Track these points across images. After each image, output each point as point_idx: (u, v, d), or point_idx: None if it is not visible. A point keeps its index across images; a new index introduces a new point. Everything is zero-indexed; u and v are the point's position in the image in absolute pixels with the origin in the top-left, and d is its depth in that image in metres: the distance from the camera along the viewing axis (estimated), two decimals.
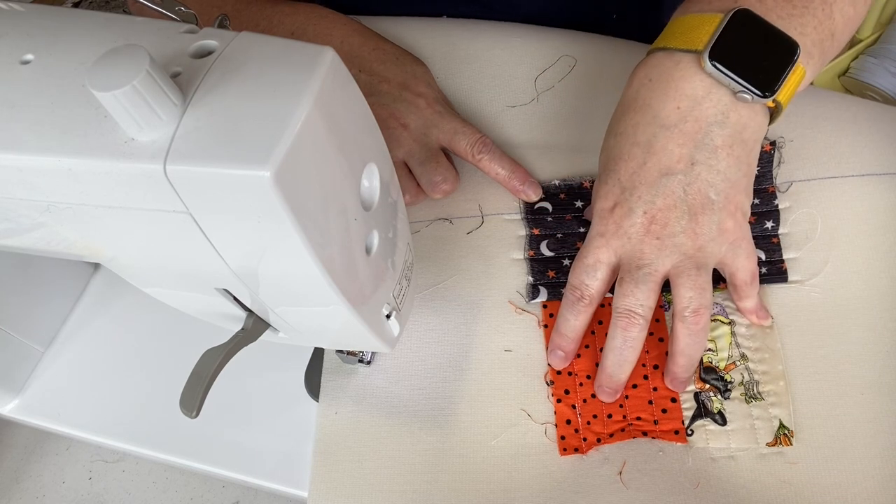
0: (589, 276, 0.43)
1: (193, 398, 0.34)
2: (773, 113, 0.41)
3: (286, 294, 0.34)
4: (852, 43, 1.19)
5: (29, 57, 0.30)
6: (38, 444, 1.24)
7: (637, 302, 0.41)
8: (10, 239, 0.35)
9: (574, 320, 0.43)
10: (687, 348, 0.41)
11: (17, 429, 1.25)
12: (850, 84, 1.14)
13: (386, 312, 0.39)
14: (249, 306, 0.37)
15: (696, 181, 0.40)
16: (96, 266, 0.59)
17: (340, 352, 0.46)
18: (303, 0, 0.55)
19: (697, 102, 0.40)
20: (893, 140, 0.48)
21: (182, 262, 0.33)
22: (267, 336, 0.40)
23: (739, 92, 0.39)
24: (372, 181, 0.34)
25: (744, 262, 0.42)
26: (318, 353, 0.48)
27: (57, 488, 1.20)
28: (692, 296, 0.40)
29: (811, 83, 0.46)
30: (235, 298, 0.36)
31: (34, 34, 0.31)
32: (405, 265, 0.40)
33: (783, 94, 0.39)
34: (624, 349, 0.42)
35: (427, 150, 0.50)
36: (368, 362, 0.47)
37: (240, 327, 0.38)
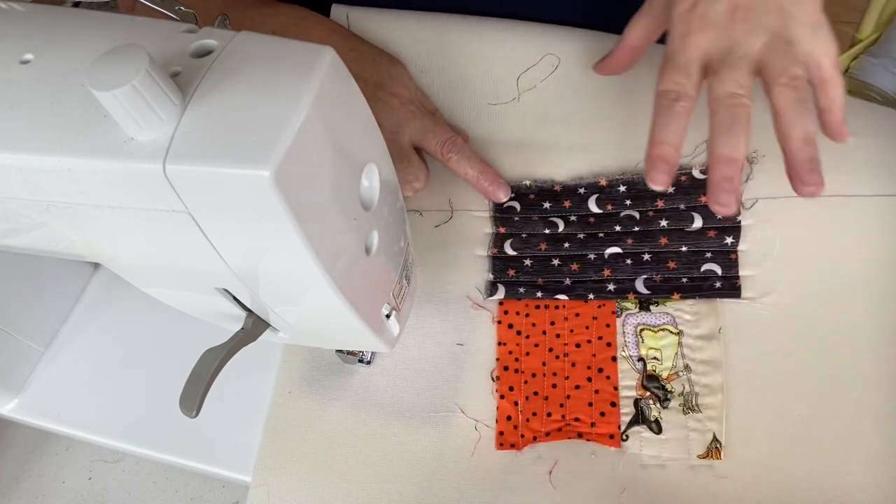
0: (681, 75, 0.38)
1: (193, 398, 0.34)
2: None
3: (286, 294, 0.34)
4: (852, 43, 1.19)
5: (29, 57, 0.30)
6: (38, 444, 1.24)
7: (737, 83, 0.37)
8: (10, 239, 0.35)
9: (675, 122, 0.38)
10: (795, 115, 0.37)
11: (17, 429, 1.25)
12: (851, 84, 1.14)
13: (386, 312, 0.39)
14: (249, 306, 0.37)
15: None
16: (96, 266, 0.59)
17: (340, 352, 0.46)
18: (287, 0, 0.55)
19: None
20: (867, 160, 0.47)
21: (182, 262, 0.33)
22: (267, 336, 0.39)
23: None
24: (372, 181, 0.34)
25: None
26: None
27: (57, 488, 1.20)
28: (786, 65, 0.36)
29: None
30: (235, 298, 0.36)
31: (34, 34, 0.31)
32: (405, 265, 0.40)
33: None
34: (735, 126, 0.36)
35: (399, 148, 0.50)
36: (368, 362, 0.47)
37: (240, 327, 0.38)
